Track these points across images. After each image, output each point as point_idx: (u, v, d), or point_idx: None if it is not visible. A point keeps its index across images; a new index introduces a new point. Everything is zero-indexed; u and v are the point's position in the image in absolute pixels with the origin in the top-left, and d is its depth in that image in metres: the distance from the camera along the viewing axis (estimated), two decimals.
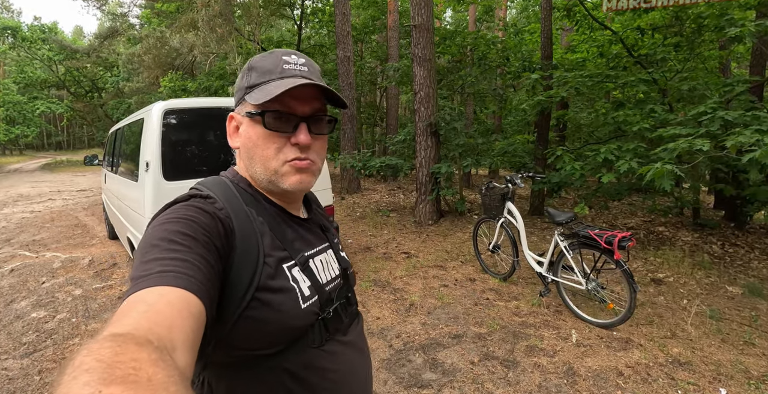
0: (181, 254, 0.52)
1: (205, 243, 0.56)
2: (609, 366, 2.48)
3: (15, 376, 2.51)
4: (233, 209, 0.66)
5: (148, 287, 0.47)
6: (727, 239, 5.71)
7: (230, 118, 0.75)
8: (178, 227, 0.56)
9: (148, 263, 0.50)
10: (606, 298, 2.95)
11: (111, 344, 0.34)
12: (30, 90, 27.24)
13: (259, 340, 0.63)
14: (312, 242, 0.77)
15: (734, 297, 3.78)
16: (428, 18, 5.57)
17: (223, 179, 0.73)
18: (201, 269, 0.52)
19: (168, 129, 2.89)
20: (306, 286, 0.68)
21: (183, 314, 0.45)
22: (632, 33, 6.69)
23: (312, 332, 0.68)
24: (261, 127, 0.68)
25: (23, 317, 3.33)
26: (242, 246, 0.62)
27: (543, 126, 7.00)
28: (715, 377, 2.45)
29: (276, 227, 0.70)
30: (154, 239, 0.54)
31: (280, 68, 0.70)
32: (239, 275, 0.61)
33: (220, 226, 0.61)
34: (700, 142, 3.48)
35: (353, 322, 0.80)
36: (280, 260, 0.67)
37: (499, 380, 2.31)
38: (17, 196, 10.31)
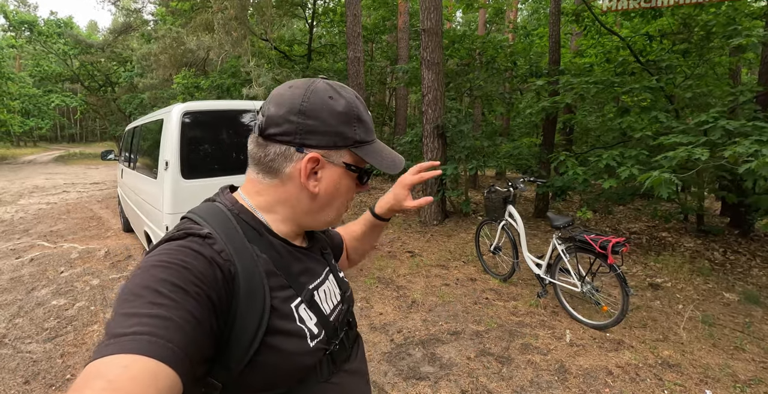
0: (165, 311, 0.47)
1: (197, 295, 0.51)
2: (599, 365, 2.60)
3: (39, 358, 2.69)
4: (235, 248, 0.61)
5: (115, 354, 0.42)
6: (729, 246, 5.73)
7: (312, 159, 0.66)
8: (166, 275, 0.51)
9: (126, 318, 0.46)
10: (601, 300, 3.06)
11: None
12: (45, 83, 27.77)
13: (269, 382, 0.61)
14: (315, 272, 0.74)
15: (730, 304, 3.84)
16: (437, 22, 5.68)
17: (221, 209, 0.67)
18: (185, 330, 0.47)
19: (186, 130, 3.05)
20: (313, 323, 0.66)
21: (148, 392, 0.41)
22: (640, 39, 6.74)
23: (320, 367, 0.66)
24: (352, 181, 0.71)
25: (44, 304, 3.52)
26: (246, 291, 0.59)
27: (549, 130, 7.08)
28: (702, 380, 2.54)
29: (281, 264, 0.66)
30: (138, 287, 0.49)
31: (372, 126, 0.73)
32: (244, 321, 0.57)
33: (218, 273, 0.56)
34: (698, 152, 3.56)
35: (354, 345, 0.78)
36: (286, 299, 0.64)
37: (493, 374, 2.45)
38: (33, 187, 10.60)
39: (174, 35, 9.40)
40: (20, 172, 14.43)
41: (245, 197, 0.70)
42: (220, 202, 0.69)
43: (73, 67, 25.19)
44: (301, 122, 0.65)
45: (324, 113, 0.65)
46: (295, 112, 0.65)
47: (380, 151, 0.72)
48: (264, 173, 0.68)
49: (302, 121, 0.65)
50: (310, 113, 0.65)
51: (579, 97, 5.12)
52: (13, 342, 2.90)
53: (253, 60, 7.38)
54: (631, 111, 5.55)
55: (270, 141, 0.66)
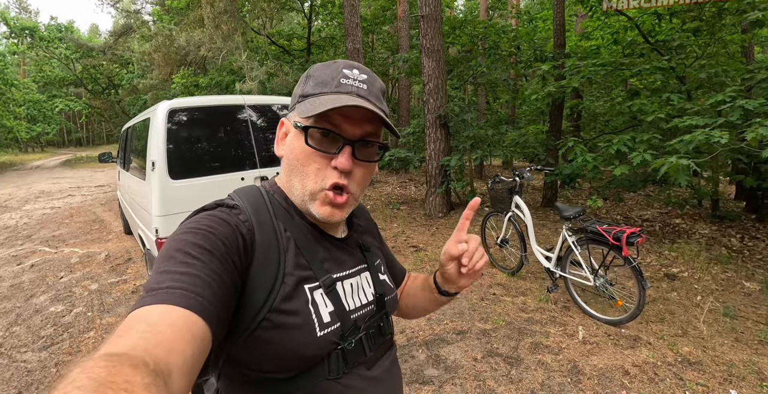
0: (194, 269, 0.50)
1: (222, 258, 0.54)
2: (615, 365, 2.44)
3: (33, 368, 2.61)
4: (259, 220, 0.63)
5: (154, 304, 0.45)
6: (747, 232, 5.51)
7: (281, 123, 0.70)
8: (196, 239, 0.54)
9: (160, 275, 0.49)
10: (615, 295, 2.89)
11: (106, 364, 0.33)
12: (49, 88, 28.00)
13: (267, 363, 0.60)
14: (345, 263, 0.71)
15: (751, 293, 3.64)
16: (436, 8, 5.47)
17: (259, 189, 0.70)
18: (212, 287, 0.50)
19: (173, 128, 2.92)
20: (327, 311, 0.63)
21: (185, 337, 0.43)
22: (649, 18, 6.45)
23: (328, 362, 0.63)
24: (303, 141, 0.64)
25: (42, 311, 3.45)
26: (261, 262, 0.60)
27: (556, 116, 6.85)
28: (726, 378, 2.38)
29: (305, 244, 0.66)
30: (171, 250, 0.53)
31: (337, 81, 0.64)
32: (254, 292, 0.58)
33: (240, 239, 0.59)
34: (718, 134, 3.34)
35: (383, 355, 0.72)
36: (302, 279, 0.62)
37: (501, 377, 2.30)
38: (39, 192, 10.65)
39: (166, 33, 9.29)
40: (27, 178, 14.54)
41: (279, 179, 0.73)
42: (262, 184, 0.73)
43: (75, 71, 25.36)
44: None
45: (297, 87, 0.69)
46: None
47: (318, 99, 0.63)
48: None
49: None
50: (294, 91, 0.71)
51: (586, 81, 4.89)
52: (8, 351, 2.83)
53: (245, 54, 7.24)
54: (642, 93, 5.31)
55: None
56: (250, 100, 3.26)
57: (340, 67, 0.66)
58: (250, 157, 3.12)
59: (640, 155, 3.89)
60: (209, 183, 2.93)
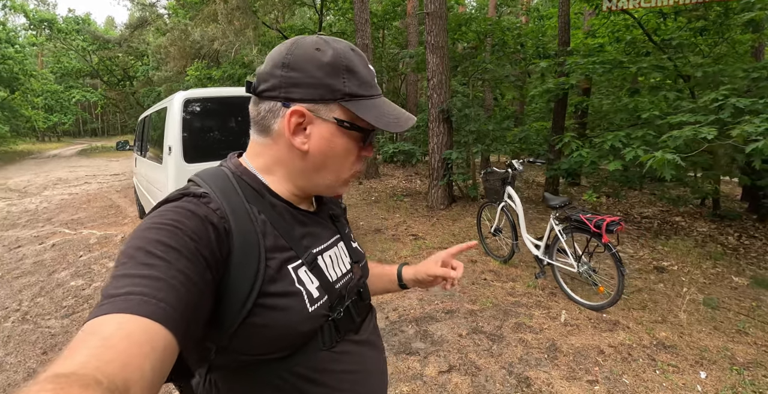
0: (157, 271, 0.47)
1: (191, 255, 0.51)
2: (592, 345, 2.61)
3: (56, 332, 2.89)
4: (231, 207, 0.60)
5: (110, 314, 0.42)
6: (745, 231, 5.57)
7: (296, 112, 0.62)
8: (160, 236, 0.50)
9: (119, 279, 0.46)
10: (598, 281, 3.05)
11: (53, 387, 0.32)
12: (66, 79, 28.68)
13: (265, 346, 0.60)
14: (321, 237, 0.72)
15: (738, 287, 3.73)
16: (441, 5, 5.61)
17: (224, 171, 0.67)
18: (178, 290, 0.47)
19: (188, 116, 3.16)
20: (314, 287, 0.64)
21: (142, 350, 0.40)
22: (653, 17, 6.49)
23: (322, 334, 0.64)
24: (350, 141, 0.65)
25: (63, 284, 3.73)
26: (241, 249, 0.57)
27: (559, 113, 6.95)
28: (697, 361, 2.49)
29: (281, 225, 0.65)
30: (132, 249, 0.49)
31: (374, 82, 0.67)
32: (238, 280, 0.56)
33: (212, 230, 0.55)
34: (705, 131, 3.46)
35: (366, 318, 0.76)
36: (285, 260, 0.62)
37: (482, 351, 2.50)
38: (56, 179, 11.03)
39: (182, 27, 9.56)
40: (45, 166, 15.00)
41: (247, 159, 0.70)
42: (225, 166, 0.69)
43: (92, 63, 25.90)
44: (284, 75, 0.62)
45: (308, 65, 0.62)
46: (279, 65, 0.62)
47: (380, 106, 0.65)
48: (259, 133, 0.67)
49: (285, 74, 0.62)
50: (294, 65, 0.62)
51: (585, 79, 5.01)
52: (34, 319, 3.10)
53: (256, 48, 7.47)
54: (642, 91, 5.41)
55: (261, 98, 0.65)
56: None
57: (367, 63, 0.67)
58: None
59: (633, 151, 4.02)
60: None
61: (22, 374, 2.43)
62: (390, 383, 2.24)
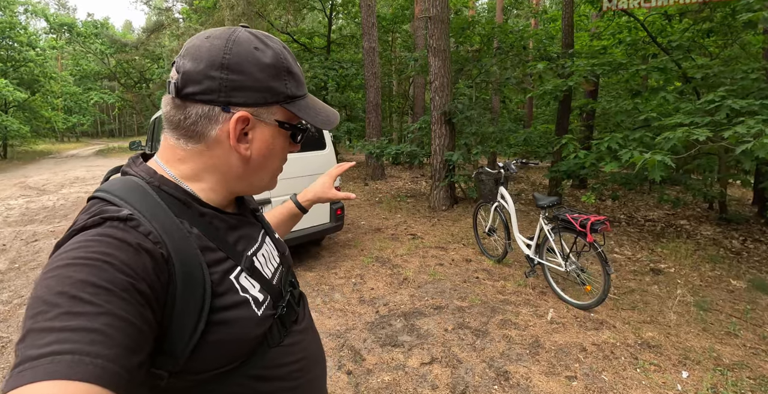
0: (86, 320, 0.40)
1: (124, 293, 0.44)
2: (575, 342, 2.66)
3: None
4: (164, 227, 0.53)
5: (33, 383, 0.35)
6: (751, 235, 5.51)
7: (242, 119, 0.59)
8: (84, 275, 0.43)
9: (40, 334, 0.39)
10: (585, 280, 3.10)
11: None
12: (84, 82, 29.59)
13: (222, 359, 0.57)
14: (252, 236, 0.70)
15: (735, 291, 3.70)
16: (443, 9, 5.70)
17: (137, 183, 0.58)
18: (114, 338, 0.41)
19: None
20: (257, 290, 0.63)
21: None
22: (658, 18, 6.47)
23: (270, 333, 0.64)
24: (285, 140, 0.66)
25: None
26: (183, 273, 0.53)
27: (563, 115, 6.98)
28: (680, 361, 2.50)
29: (215, 235, 0.61)
30: (51, 294, 0.41)
31: (303, 79, 0.67)
32: (186, 305, 0.52)
33: (148, 260, 0.49)
34: (698, 132, 3.48)
35: (300, 306, 0.76)
36: (226, 272, 0.59)
37: (466, 345, 2.58)
38: (74, 178, 11.41)
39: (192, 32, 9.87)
40: (63, 166, 15.47)
41: (165, 166, 0.62)
42: (134, 174, 0.60)
43: (110, 66, 26.62)
44: (224, 78, 0.56)
45: (251, 66, 0.57)
46: (217, 66, 0.56)
47: (313, 106, 0.66)
48: (186, 138, 0.59)
49: (225, 76, 0.56)
50: (235, 67, 0.57)
51: (586, 80, 5.04)
52: None
53: None
54: (644, 93, 5.41)
55: (189, 101, 0.57)
56: None
57: (294, 58, 0.65)
58: None
59: (629, 152, 4.04)
60: None
61: None
62: (372, 373, 2.34)
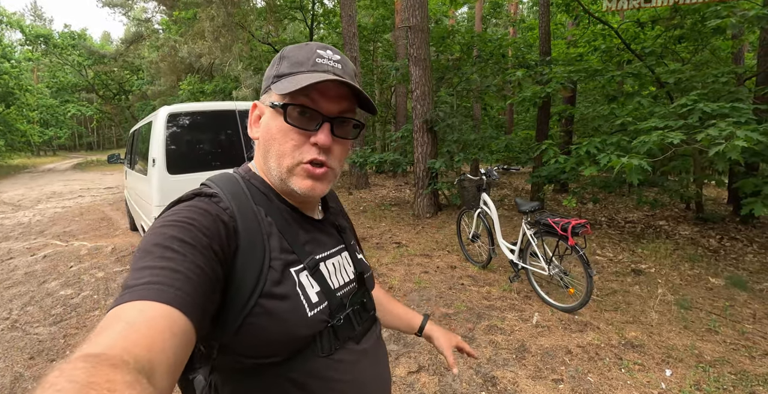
0: (174, 263, 0.49)
1: (204, 249, 0.53)
2: (560, 345, 2.68)
3: (44, 339, 2.97)
4: (239, 207, 0.63)
5: (132, 301, 0.44)
6: (727, 233, 5.64)
7: (253, 106, 0.71)
8: (174, 232, 0.53)
9: (139, 271, 0.48)
10: (568, 283, 3.15)
11: (84, 365, 0.33)
12: (61, 94, 29.00)
13: (264, 348, 0.60)
14: (325, 244, 0.73)
15: (714, 288, 3.78)
16: (423, 19, 5.80)
17: (234, 175, 0.70)
18: (193, 281, 0.49)
19: (172, 130, 3.29)
20: (314, 292, 0.65)
21: (165, 334, 0.42)
22: (631, 26, 6.70)
23: (320, 340, 0.64)
24: (282, 120, 0.65)
25: (53, 294, 3.81)
26: (247, 248, 0.60)
27: (542, 121, 7.12)
28: (663, 360, 2.55)
29: (286, 228, 0.66)
30: (149, 245, 0.52)
31: (313, 61, 0.66)
32: (243, 279, 0.58)
33: (222, 227, 0.58)
34: (672, 135, 3.60)
35: (369, 329, 0.75)
36: (288, 263, 0.63)
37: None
38: (50, 193, 11.11)
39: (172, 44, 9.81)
40: (40, 180, 15.07)
41: (254, 163, 0.74)
42: (236, 171, 0.73)
43: (87, 77, 26.17)
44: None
45: (270, 69, 0.70)
46: None
47: (295, 78, 0.64)
48: None
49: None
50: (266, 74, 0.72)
51: (563, 87, 5.17)
52: (23, 326, 3.19)
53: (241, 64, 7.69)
54: (619, 98, 5.57)
55: None
56: (241, 106, 3.62)
57: (314, 48, 0.67)
58: (239, 154, 3.48)
59: (607, 156, 4.15)
60: (202, 178, 3.27)
61: (9, 377, 2.51)
62: None
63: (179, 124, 3.35)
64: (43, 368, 2.61)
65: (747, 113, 3.75)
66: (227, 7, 7.12)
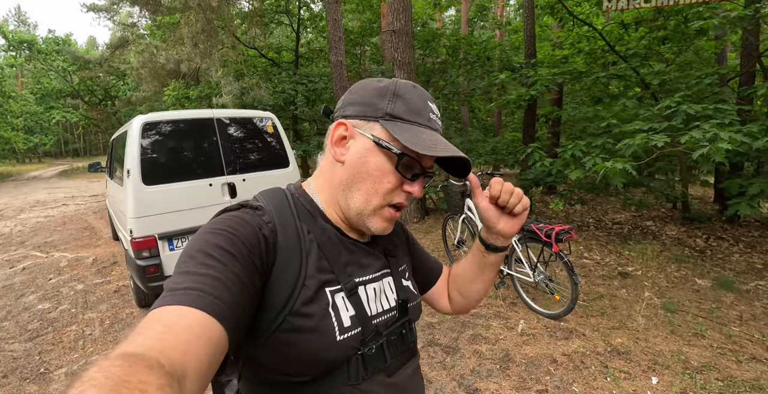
0: (214, 271, 0.51)
1: (243, 260, 0.55)
2: (545, 354, 2.64)
3: (18, 356, 2.87)
4: (282, 222, 0.64)
5: (172, 305, 0.46)
6: (713, 233, 5.66)
7: (340, 124, 0.68)
8: (217, 240, 0.55)
9: (181, 276, 0.50)
10: (554, 290, 3.11)
11: (122, 363, 0.34)
12: (46, 100, 28.52)
13: (288, 366, 0.60)
14: (368, 268, 0.71)
15: (700, 290, 3.77)
16: (407, 23, 5.77)
17: (284, 191, 0.71)
18: (231, 290, 0.50)
19: (147, 139, 3.19)
20: (348, 315, 0.63)
21: (200, 340, 0.44)
22: (615, 28, 6.74)
23: (348, 367, 0.62)
24: (387, 162, 0.65)
25: (30, 308, 3.70)
26: (284, 263, 0.60)
27: (529, 124, 7.13)
28: (650, 367, 2.52)
29: (328, 247, 0.66)
30: (193, 250, 0.54)
31: (428, 115, 0.67)
32: (275, 293, 0.59)
33: (262, 240, 0.59)
34: (656, 138, 3.59)
35: (405, 363, 0.71)
36: (324, 283, 0.63)
37: (436, 363, 2.53)
38: (34, 202, 10.88)
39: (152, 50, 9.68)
40: (24, 188, 14.78)
41: (310, 181, 0.74)
42: (287, 187, 0.74)
43: (72, 83, 25.79)
44: (345, 98, 0.70)
45: (365, 89, 0.69)
46: (346, 93, 0.71)
47: (420, 132, 0.64)
48: (323, 154, 0.73)
49: (347, 97, 0.70)
50: (354, 90, 0.70)
51: (547, 89, 5.17)
52: None
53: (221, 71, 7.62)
54: (604, 100, 5.59)
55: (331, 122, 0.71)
56: (218, 114, 3.53)
57: (426, 99, 0.68)
58: (218, 165, 3.39)
59: (593, 159, 4.13)
60: (180, 188, 3.18)
61: None
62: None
63: (155, 134, 3.26)
64: (16, 387, 2.52)
65: (731, 114, 3.75)
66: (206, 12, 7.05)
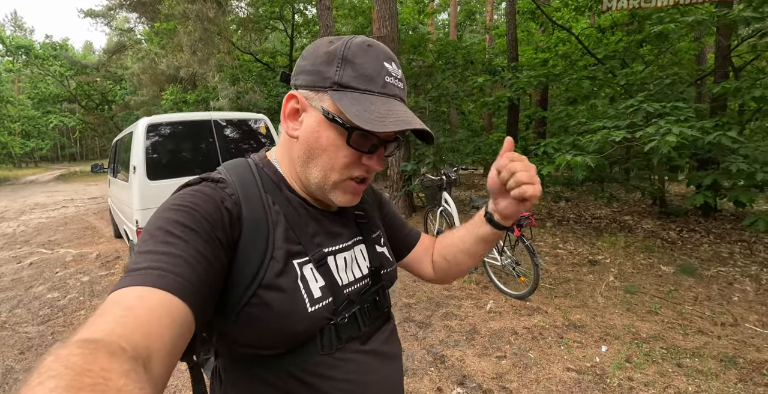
0: (175, 249, 0.49)
1: (206, 235, 0.53)
2: (508, 327, 2.96)
3: (33, 336, 3.18)
4: (246, 194, 0.61)
5: (132, 286, 0.44)
6: (687, 226, 5.93)
7: (291, 97, 0.63)
8: (178, 217, 0.53)
9: (141, 255, 0.48)
10: (520, 272, 3.44)
11: (81, 351, 0.32)
12: (43, 105, 28.77)
13: (259, 339, 0.59)
14: (339, 237, 0.69)
15: (663, 275, 4.05)
16: (393, 29, 6.11)
17: (247, 162, 0.69)
18: (194, 267, 0.49)
19: (151, 139, 3.54)
20: (318, 286, 0.62)
21: (163, 321, 0.42)
22: (593, 31, 7.10)
23: (321, 337, 0.62)
24: (338, 136, 0.61)
25: (40, 297, 4.00)
26: (250, 236, 0.58)
27: (511, 124, 7.47)
28: (601, 337, 2.81)
29: (294, 218, 0.64)
30: (153, 228, 0.52)
31: (383, 80, 0.60)
32: (243, 268, 0.57)
33: (226, 214, 0.57)
34: (615, 134, 3.93)
35: (379, 329, 0.71)
36: (291, 254, 0.61)
37: (409, 336, 2.85)
38: (34, 205, 11.12)
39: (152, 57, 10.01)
40: (22, 192, 14.97)
41: (273, 151, 0.72)
42: (251, 157, 0.71)
43: (70, 88, 26.03)
44: (298, 64, 0.64)
45: (314, 55, 0.62)
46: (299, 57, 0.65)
47: (372, 102, 0.58)
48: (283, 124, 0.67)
49: (299, 63, 0.64)
50: (305, 54, 0.64)
51: (521, 91, 5.50)
52: (12, 326, 3.38)
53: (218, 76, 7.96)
54: (578, 100, 5.94)
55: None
56: (216, 116, 3.89)
57: (382, 60, 0.61)
58: (215, 162, 3.73)
59: (562, 156, 4.46)
60: (180, 183, 3.52)
61: (1, 370, 2.72)
62: None
63: (158, 134, 3.60)
64: (33, 361, 2.81)
65: (688, 112, 4.08)
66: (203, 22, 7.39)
